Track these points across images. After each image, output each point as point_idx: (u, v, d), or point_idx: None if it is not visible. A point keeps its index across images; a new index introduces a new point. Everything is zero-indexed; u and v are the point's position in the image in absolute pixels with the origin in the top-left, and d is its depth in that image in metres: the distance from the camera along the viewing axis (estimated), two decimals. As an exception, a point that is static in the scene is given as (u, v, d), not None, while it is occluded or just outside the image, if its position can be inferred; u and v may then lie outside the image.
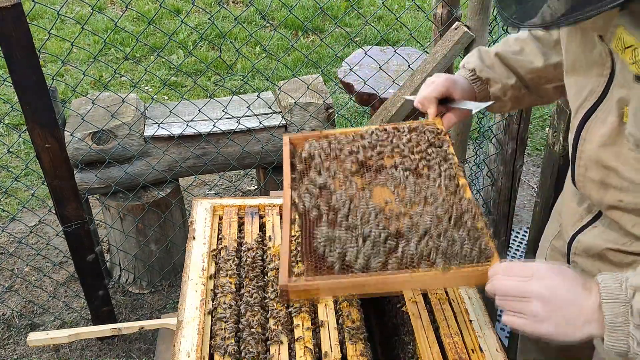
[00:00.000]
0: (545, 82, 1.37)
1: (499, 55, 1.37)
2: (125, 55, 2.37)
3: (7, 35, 1.84)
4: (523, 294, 0.94)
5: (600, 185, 1.07)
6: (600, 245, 1.16)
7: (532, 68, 1.35)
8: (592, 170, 1.08)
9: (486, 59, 1.38)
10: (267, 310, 1.32)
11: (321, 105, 2.64)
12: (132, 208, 2.62)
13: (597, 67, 1.01)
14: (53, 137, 2.07)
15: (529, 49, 1.35)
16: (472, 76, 1.39)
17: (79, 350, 2.64)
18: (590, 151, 1.06)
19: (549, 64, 1.33)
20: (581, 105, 1.06)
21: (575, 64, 1.07)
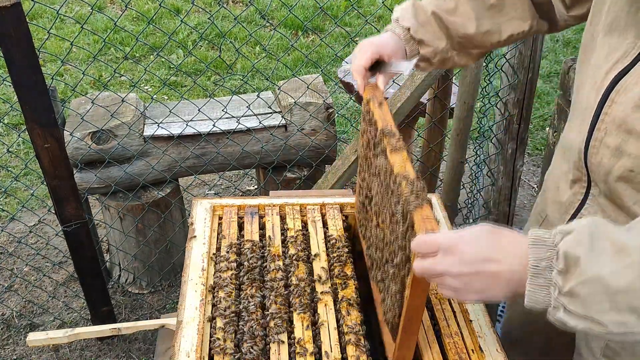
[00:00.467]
0: (472, 47, 1.37)
1: (435, 14, 1.33)
2: (125, 55, 2.36)
3: (6, 34, 1.84)
4: (435, 274, 0.91)
5: (615, 151, 1.02)
6: None
7: (464, 33, 1.33)
8: (611, 136, 1.03)
9: (421, 16, 1.33)
10: (266, 311, 1.32)
11: (321, 105, 2.64)
12: (131, 208, 2.62)
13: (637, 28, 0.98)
14: (52, 136, 2.07)
15: (463, 9, 1.33)
16: (406, 35, 1.34)
17: (79, 350, 2.64)
18: (618, 113, 1.01)
19: (480, 32, 1.33)
20: (612, 67, 1.02)
21: (612, 24, 1.04)
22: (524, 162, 2.52)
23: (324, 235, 1.55)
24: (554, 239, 0.85)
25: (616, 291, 0.79)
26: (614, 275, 0.79)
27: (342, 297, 1.35)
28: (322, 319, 1.29)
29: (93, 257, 2.38)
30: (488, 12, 1.33)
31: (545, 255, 0.84)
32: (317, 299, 1.35)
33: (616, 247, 0.81)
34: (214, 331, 1.27)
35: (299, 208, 1.63)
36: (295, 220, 1.59)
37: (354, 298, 1.35)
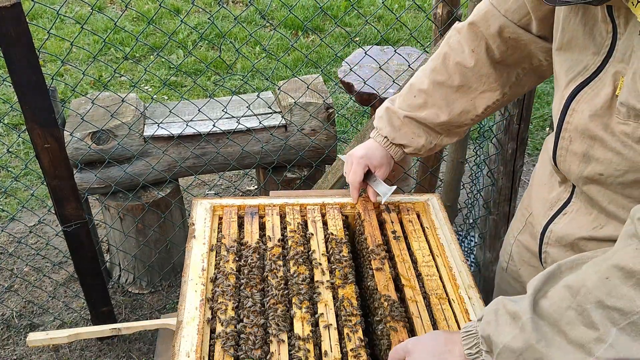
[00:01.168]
0: (455, 128, 1.48)
1: (407, 117, 1.46)
2: (125, 55, 2.36)
3: (6, 34, 1.84)
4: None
5: (583, 157, 1.09)
6: (572, 234, 1.19)
7: (439, 122, 1.45)
8: (576, 142, 1.09)
9: (395, 122, 1.48)
10: (267, 311, 1.32)
11: (321, 105, 2.64)
12: (131, 208, 2.62)
13: (594, 45, 1.03)
14: (52, 137, 2.06)
15: (432, 101, 1.43)
16: (386, 143, 1.51)
17: (79, 350, 2.64)
18: (578, 121, 1.07)
19: (454, 114, 1.43)
20: (573, 79, 1.08)
21: (571, 42, 1.08)
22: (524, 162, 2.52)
23: (324, 235, 1.55)
24: (477, 327, 1.03)
25: (520, 351, 0.93)
26: (514, 339, 0.94)
27: (342, 297, 1.35)
28: (322, 318, 1.29)
29: (93, 257, 2.38)
30: (456, 94, 1.41)
31: (474, 342, 1.03)
32: (317, 299, 1.35)
33: (511, 316, 0.96)
34: (214, 331, 1.27)
35: (299, 208, 1.63)
36: (295, 221, 1.58)
37: (354, 297, 1.35)
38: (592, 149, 1.07)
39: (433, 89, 1.42)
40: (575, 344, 0.89)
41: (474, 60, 1.37)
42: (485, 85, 1.39)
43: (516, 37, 1.30)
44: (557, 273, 0.99)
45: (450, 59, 1.40)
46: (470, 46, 1.37)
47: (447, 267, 1.46)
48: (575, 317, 0.89)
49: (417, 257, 1.50)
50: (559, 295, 0.93)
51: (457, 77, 1.39)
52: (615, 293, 0.86)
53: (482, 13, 1.35)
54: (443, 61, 1.41)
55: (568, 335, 0.90)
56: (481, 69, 1.38)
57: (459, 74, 1.39)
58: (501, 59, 1.36)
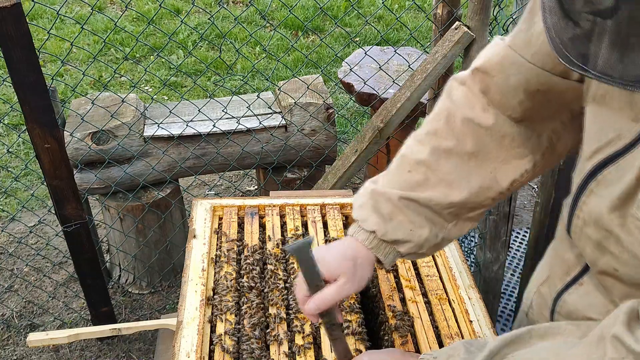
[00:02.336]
0: (469, 211, 1.06)
1: (403, 199, 1.02)
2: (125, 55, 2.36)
3: (6, 34, 1.84)
4: None
5: (597, 246, 0.88)
6: (582, 311, 0.98)
7: (449, 203, 1.03)
8: (591, 228, 0.87)
9: (385, 208, 1.02)
10: (266, 311, 1.32)
11: (321, 105, 2.64)
12: (131, 208, 2.62)
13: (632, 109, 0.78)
14: (53, 137, 2.06)
15: (436, 177, 1.02)
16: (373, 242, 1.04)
17: (79, 350, 2.64)
18: (594, 207, 0.85)
19: (471, 193, 1.03)
20: (600, 149, 0.83)
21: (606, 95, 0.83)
22: (524, 162, 2.52)
23: (324, 235, 1.55)
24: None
25: None
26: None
27: None
28: (322, 319, 1.29)
29: (93, 258, 2.38)
30: (469, 164, 1.02)
31: None
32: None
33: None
34: (214, 331, 1.27)
35: (299, 208, 1.63)
36: (295, 221, 1.58)
37: (355, 298, 1.35)
38: (607, 241, 0.85)
39: (437, 160, 1.02)
40: None
41: (493, 117, 1.01)
42: (510, 150, 1.02)
43: (549, 87, 0.95)
44: (525, 338, 0.87)
45: (457, 117, 1.02)
46: (482, 101, 1.02)
47: (447, 268, 1.47)
48: None
49: (417, 257, 1.50)
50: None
51: (470, 141, 1.01)
52: None
53: (496, 60, 1.00)
54: (447, 122, 1.03)
55: None
56: (502, 128, 1.01)
57: (471, 135, 1.02)
58: (525, 117, 1.01)
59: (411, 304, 1.35)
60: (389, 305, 1.34)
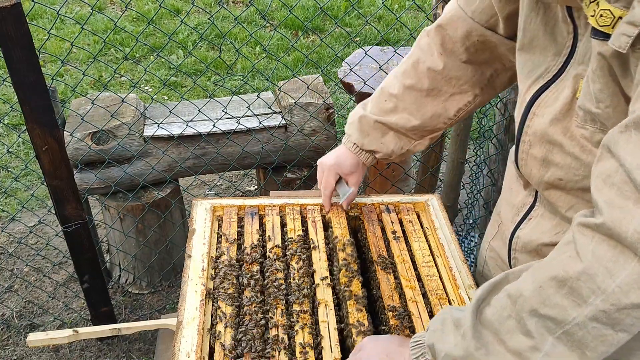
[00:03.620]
0: (427, 133, 1.45)
1: (378, 122, 1.43)
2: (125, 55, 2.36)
3: (6, 35, 1.84)
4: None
5: (542, 162, 1.08)
6: (536, 240, 1.18)
7: (411, 126, 1.42)
8: (536, 147, 1.08)
9: (365, 127, 1.45)
10: (266, 311, 1.32)
11: (321, 105, 2.64)
12: (131, 208, 2.62)
13: (555, 46, 1.01)
14: (53, 137, 2.06)
15: (402, 105, 1.40)
16: (356, 149, 1.49)
17: (79, 350, 2.64)
18: (538, 126, 1.06)
19: (425, 119, 1.41)
20: (534, 82, 1.06)
21: (532, 42, 1.07)
22: (524, 162, 2.52)
23: (324, 235, 1.55)
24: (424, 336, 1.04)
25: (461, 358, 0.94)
26: (455, 346, 0.95)
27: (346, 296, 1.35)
28: (322, 319, 1.29)
29: (93, 258, 2.38)
30: (427, 98, 1.39)
31: (420, 352, 1.03)
32: (317, 299, 1.35)
33: (455, 324, 0.98)
34: (214, 331, 1.27)
35: (299, 208, 1.63)
36: (295, 221, 1.58)
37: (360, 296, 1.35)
38: (551, 154, 1.06)
39: (403, 93, 1.40)
40: (513, 352, 0.89)
41: (443, 63, 1.35)
42: (455, 87, 1.37)
43: (484, 39, 1.28)
44: (503, 282, 0.98)
45: (420, 62, 1.38)
46: (438, 49, 1.35)
47: (447, 267, 1.47)
48: (515, 325, 0.90)
49: (417, 257, 1.50)
50: (500, 304, 0.93)
51: (427, 81, 1.37)
52: (548, 302, 0.85)
53: (449, 15, 1.33)
54: (413, 65, 1.39)
55: (507, 344, 0.90)
56: (450, 71, 1.36)
57: (428, 77, 1.37)
58: (470, 60, 1.34)
59: (411, 303, 1.35)
60: (389, 305, 1.34)
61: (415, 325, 1.29)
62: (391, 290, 1.39)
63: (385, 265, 1.45)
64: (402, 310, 1.33)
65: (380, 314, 1.39)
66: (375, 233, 1.55)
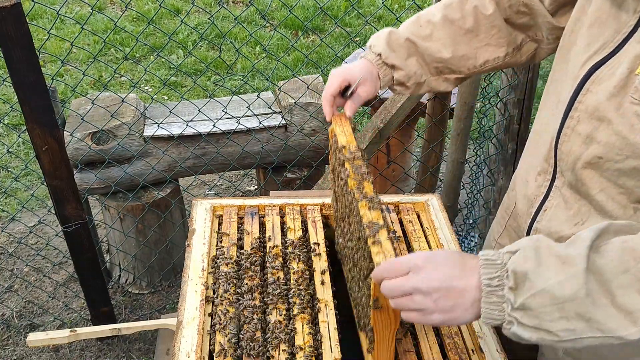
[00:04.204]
0: (449, 72, 1.40)
1: (409, 40, 1.36)
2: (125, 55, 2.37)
3: (6, 35, 1.84)
4: (404, 292, 0.94)
5: (586, 138, 1.06)
6: (555, 232, 1.15)
7: (439, 57, 1.36)
8: (584, 123, 1.06)
9: (394, 43, 1.36)
10: (267, 311, 1.32)
11: (321, 105, 2.63)
12: (131, 208, 2.62)
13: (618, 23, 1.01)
14: (52, 137, 2.06)
15: (438, 35, 1.36)
16: (378, 61, 1.37)
17: (79, 350, 2.64)
18: (591, 102, 1.04)
19: (456, 56, 1.36)
20: (590, 58, 1.05)
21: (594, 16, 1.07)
22: (524, 162, 2.52)
23: (324, 235, 1.55)
24: (503, 258, 0.91)
25: (564, 300, 0.84)
26: (560, 285, 0.84)
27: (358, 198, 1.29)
28: (322, 319, 1.29)
29: (93, 258, 2.38)
30: (464, 37, 1.36)
31: (496, 275, 0.89)
32: (317, 299, 1.35)
33: (561, 260, 0.86)
34: (214, 331, 1.27)
35: (299, 208, 1.63)
36: (295, 221, 1.58)
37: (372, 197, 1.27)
38: (596, 131, 1.04)
39: (443, 24, 1.36)
40: (621, 309, 0.83)
41: (492, 9, 1.33)
42: (493, 38, 1.36)
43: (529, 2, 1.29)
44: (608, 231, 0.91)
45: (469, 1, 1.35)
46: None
47: (447, 267, 1.46)
48: (632, 282, 0.83)
49: (417, 257, 1.49)
50: (617, 256, 0.85)
51: (471, 20, 1.34)
52: None
53: None
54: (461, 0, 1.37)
55: (616, 299, 0.83)
56: (495, 20, 1.34)
57: (473, 17, 1.34)
58: (511, 19, 1.34)
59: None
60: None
61: (416, 325, 1.29)
62: None
63: None
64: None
65: None
66: None
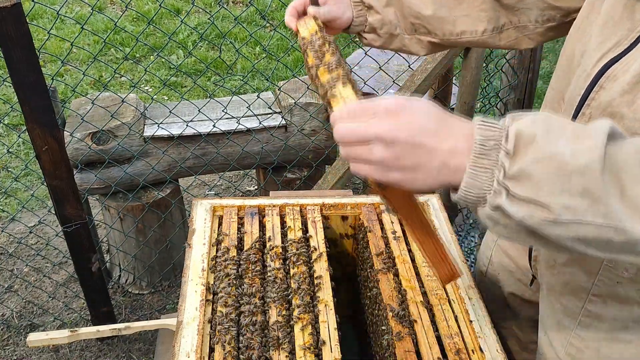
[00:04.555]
0: (424, 33, 1.33)
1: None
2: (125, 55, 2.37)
3: (6, 35, 1.84)
4: (361, 137, 0.78)
5: None
6: None
7: (418, 12, 1.29)
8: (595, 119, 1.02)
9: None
10: (267, 311, 1.32)
11: (321, 105, 2.64)
12: (131, 208, 2.62)
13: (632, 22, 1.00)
14: (53, 137, 2.06)
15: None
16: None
17: (79, 350, 2.64)
18: (605, 98, 1.00)
19: (436, 15, 1.29)
20: (603, 56, 1.03)
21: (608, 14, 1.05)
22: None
23: (324, 235, 1.55)
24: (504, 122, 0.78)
25: (572, 171, 0.72)
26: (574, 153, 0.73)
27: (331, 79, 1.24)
28: (322, 319, 1.29)
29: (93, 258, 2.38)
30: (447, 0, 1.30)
31: (493, 135, 0.76)
32: (317, 299, 1.35)
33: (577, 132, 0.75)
34: (214, 331, 1.27)
35: (299, 208, 1.63)
36: (295, 221, 1.58)
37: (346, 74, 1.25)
38: None
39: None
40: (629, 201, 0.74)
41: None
42: (475, 10, 1.31)
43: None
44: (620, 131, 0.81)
45: None
46: None
47: (447, 268, 1.46)
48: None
49: (417, 257, 1.50)
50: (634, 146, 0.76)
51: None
52: None
53: None
54: None
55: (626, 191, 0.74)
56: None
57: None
58: None
59: (411, 304, 1.35)
60: (388, 305, 1.34)
61: (415, 325, 1.29)
62: (391, 290, 1.39)
63: (385, 265, 1.45)
64: (402, 310, 1.33)
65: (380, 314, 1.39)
66: (375, 233, 1.55)
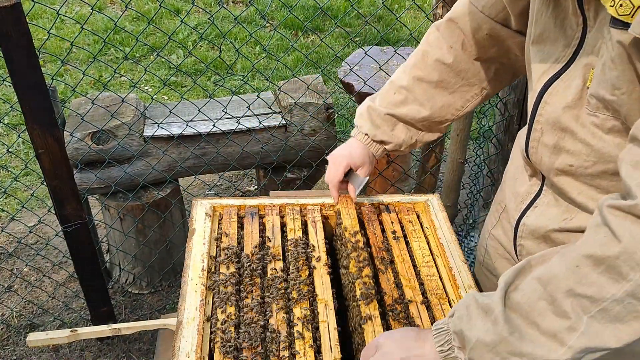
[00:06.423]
0: (436, 124, 1.48)
1: (388, 114, 1.46)
2: (125, 55, 2.36)
3: (6, 34, 1.84)
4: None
5: (554, 149, 1.11)
6: (544, 227, 1.20)
7: (421, 117, 1.45)
8: (548, 134, 1.11)
9: (376, 119, 1.48)
10: (267, 311, 1.32)
11: (321, 105, 2.64)
12: (131, 208, 2.62)
13: (565, 38, 1.05)
14: (53, 137, 2.06)
15: (412, 97, 1.44)
16: (367, 140, 1.51)
17: (79, 350, 2.64)
18: (550, 114, 1.09)
19: (435, 109, 1.44)
20: (545, 72, 1.10)
21: (543, 35, 1.11)
22: (524, 162, 2.53)
23: (323, 235, 1.55)
24: (447, 322, 1.02)
25: (493, 345, 0.93)
26: (487, 333, 0.94)
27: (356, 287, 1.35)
28: (322, 319, 1.29)
29: (93, 257, 2.38)
30: (436, 90, 1.43)
31: (445, 339, 1.02)
32: (317, 299, 1.35)
33: (484, 310, 0.97)
34: (214, 332, 1.27)
35: (299, 208, 1.63)
36: (295, 221, 1.58)
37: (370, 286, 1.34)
38: (562, 141, 1.09)
39: (413, 85, 1.44)
40: (547, 334, 0.90)
41: (452, 57, 1.39)
42: (464, 80, 1.42)
43: (494, 33, 1.32)
44: (527, 267, 1.00)
45: (429, 55, 1.42)
46: (448, 42, 1.39)
47: (447, 267, 1.47)
48: (547, 307, 0.90)
49: (417, 257, 1.50)
50: (529, 287, 0.93)
51: (436, 74, 1.41)
52: (585, 281, 0.86)
53: (459, 9, 1.37)
54: (422, 58, 1.43)
55: (540, 326, 0.90)
56: (459, 64, 1.40)
57: (437, 70, 1.41)
58: (479, 55, 1.38)
59: (411, 304, 1.35)
60: (388, 304, 1.34)
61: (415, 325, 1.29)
62: (391, 290, 1.39)
63: (385, 265, 1.45)
64: (401, 310, 1.33)
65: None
66: (375, 233, 1.55)
